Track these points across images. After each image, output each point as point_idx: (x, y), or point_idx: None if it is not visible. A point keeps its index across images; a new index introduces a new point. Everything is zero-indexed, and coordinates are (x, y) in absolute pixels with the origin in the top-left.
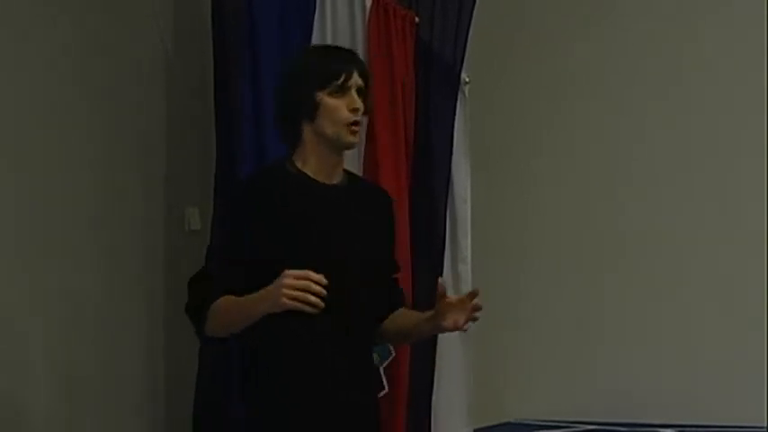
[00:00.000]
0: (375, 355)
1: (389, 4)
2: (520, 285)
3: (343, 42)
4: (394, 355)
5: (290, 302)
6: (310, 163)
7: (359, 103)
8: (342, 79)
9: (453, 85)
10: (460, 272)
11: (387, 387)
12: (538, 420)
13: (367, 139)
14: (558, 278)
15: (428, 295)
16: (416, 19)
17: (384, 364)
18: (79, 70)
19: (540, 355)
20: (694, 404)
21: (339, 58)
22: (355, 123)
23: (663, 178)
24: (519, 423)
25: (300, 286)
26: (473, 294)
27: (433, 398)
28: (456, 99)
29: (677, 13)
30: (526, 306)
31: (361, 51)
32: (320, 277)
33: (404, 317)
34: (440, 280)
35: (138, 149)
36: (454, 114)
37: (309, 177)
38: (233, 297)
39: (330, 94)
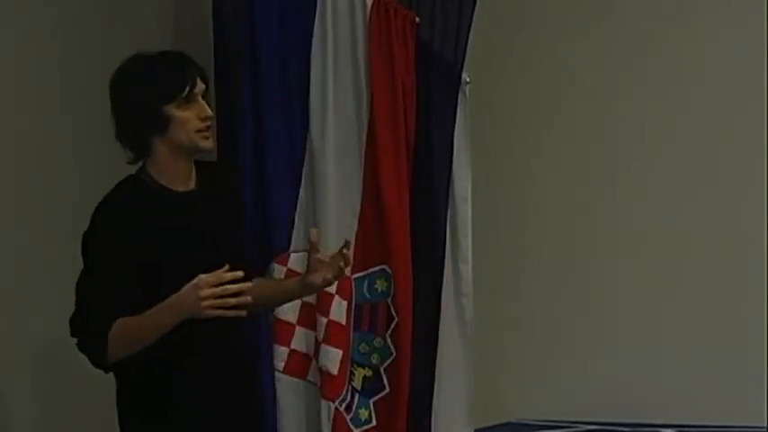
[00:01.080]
0: (376, 355)
1: (390, 4)
2: (520, 285)
3: (344, 42)
4: (395, 355)
5: (213, 312)
6: (166, 173)
7: (208, 111)
8: (187, 90)
9: (454, 85)
10: (461, 272)
11: (388, 387)
12: (539, 420)
13: (367, 140)
14: (559, 278)
15: (429, 296)
16: (417, 19)
17: (384, 365)
18: (79, 70)
19: (540, 354)
20: (694, 404)
21: (178, 68)
22: (207, 129)
23: (663, 178)
24: (520, 423)
25: (219, 293)
26: (343, 250)
27: (434, 398)
28: (457, 99)
29: (677, 13)
30: (527, 306)
31: (361, 51)
32: (234, 275)
33: (262, 286)
34: (312, 230)
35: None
36: (455, 114)
37: (167, 188)
38: (131, 317)
39: (178, 107)
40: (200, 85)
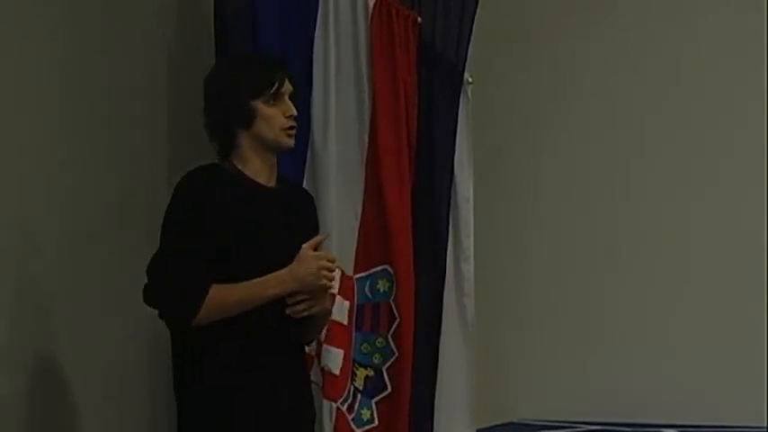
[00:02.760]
0: (377, 355)
1: (392, 5)
2: (522, 285)
3: (346, 43)
4: (396, 355)
5: (328, 283)
6: (249, 166)
7: (293, 110)
8: (275, 87)
9: (456, 85)
10: (463, 271)
11: (390, 387)
12: (540, 420)
13: (369, 140)
14: (560, 278)
15: (431, 296)
16: (419, 19)
17: (386, 365)
18: (79, 70)
19: (542, 354)
20: (695, 404)
21: (270, 67)
22: (291, 128)
23: (663, 178)
24: (521, 423)
25: (334, 268)
26: None
27: (436, 398)
28: (458, 99)
29: (677, 13)
30: (528, 306)
31: (363, 52)
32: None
33: None
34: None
35: (142, 150)
36: (457, 114)
37: (251, 179)
38: (233, 284)
39: (265, 103)
40: (288, 87)
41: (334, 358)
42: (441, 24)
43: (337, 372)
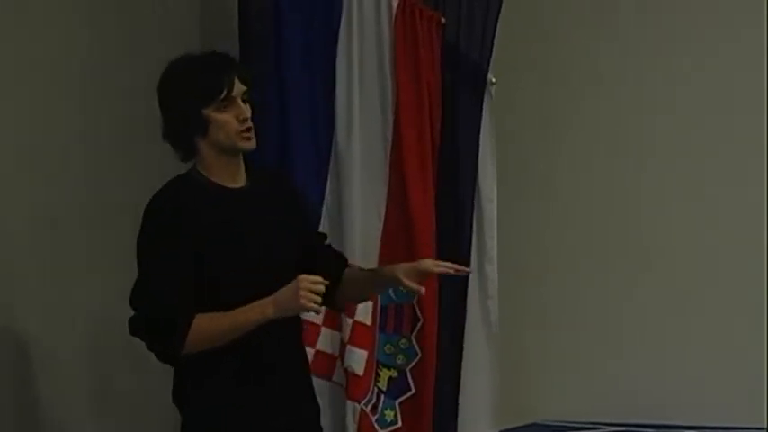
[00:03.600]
0: (401, 356)
1: (416, 6)
2: (545, 286)
3: (370, 43)
4: (420, 356)
5: (311, 305)
6: (214, 171)
7: (246, 112)
8: (224, 93)
9: (479, 85)
10: (487, 272)
11: (413, 388)
12: (564, 421)
13: (393, 140)
14: (583, 279)
15: (454, 297)
16: (443, 20)
17: (410, 366)
18: (101, 71)
19: (565, 355)
20: (715, 405)
21: (217, 71)
22: (247, 130)
23: (683, 179)
24: (545, 424)
25: (318, 290)
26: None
27: (459, 399)
28: (482, 100)
29: (700, 13)
30: (551, 307)
31: (387, 53)
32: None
33: (356, 275)
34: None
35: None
36: (480, 115)
37: (219, 184)
38: (217, 313)
39: (217, 110)
40: (240, 87)
41: (358, 359)
42: (465, 25)
43: (361, 372)
